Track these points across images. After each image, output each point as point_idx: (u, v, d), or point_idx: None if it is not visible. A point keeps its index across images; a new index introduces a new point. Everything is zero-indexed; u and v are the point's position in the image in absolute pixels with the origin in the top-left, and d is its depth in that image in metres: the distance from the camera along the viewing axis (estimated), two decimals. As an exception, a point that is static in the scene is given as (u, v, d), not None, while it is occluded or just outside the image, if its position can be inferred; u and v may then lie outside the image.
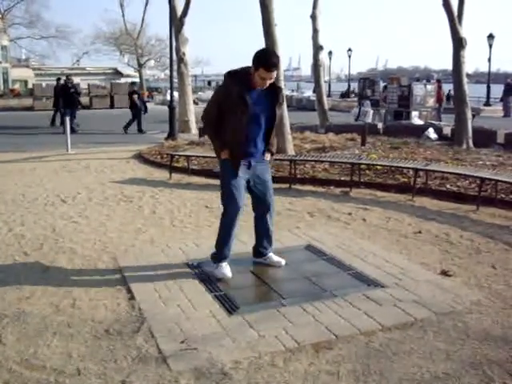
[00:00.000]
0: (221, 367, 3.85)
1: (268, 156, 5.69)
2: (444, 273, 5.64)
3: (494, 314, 4.69)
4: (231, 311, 4.75)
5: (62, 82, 24.85)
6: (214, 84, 43.12)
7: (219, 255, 5.64)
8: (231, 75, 5.35)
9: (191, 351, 4.08)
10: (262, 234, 5.87)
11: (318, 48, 23.06)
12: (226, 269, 5.58)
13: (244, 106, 5.19)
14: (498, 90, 36.51)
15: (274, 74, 5.22)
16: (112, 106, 39.46)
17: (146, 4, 54.45)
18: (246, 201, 5.66)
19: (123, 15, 56.26)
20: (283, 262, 5.86)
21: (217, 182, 10.45)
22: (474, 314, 4.68)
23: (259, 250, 5.92)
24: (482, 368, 3.81)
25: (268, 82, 5.26)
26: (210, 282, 5.43)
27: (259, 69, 5.13)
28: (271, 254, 5.91)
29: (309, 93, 40.58)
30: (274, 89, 5.40)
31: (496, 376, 3.71)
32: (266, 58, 5.17)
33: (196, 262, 6.02)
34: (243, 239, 6.57)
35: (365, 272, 5.65)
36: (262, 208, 5.79)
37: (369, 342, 4.21)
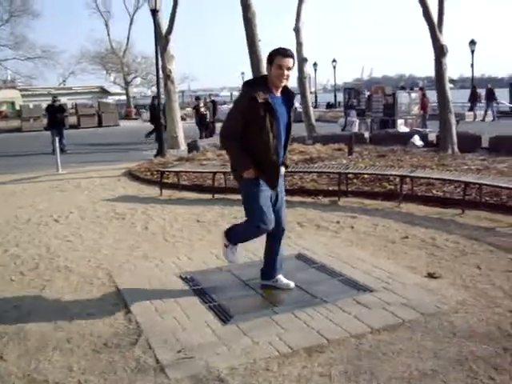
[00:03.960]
0: (217, 374, 4.00)
1: (283, 170, 5.45)
2: (430, 275, 5.81)
3: (479, 312, 4.86)
4: (225, 320, 4.90)
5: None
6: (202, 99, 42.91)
7: (236, 240, 5.49)
8: (250, 83, 5.23)
9: (188, 360, 4.23)
10: (275, 255, 5.58)
11: (302, 60, 23.31)
12: (237, 254, 5.55)
13: (272, 111, 5.01)
14: (482, 95, 36.94)
15: (291, 62, 5.09)
16: (100, 125, 39.67)
17: (131, 23, 55.01)
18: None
19: (108, 34, 56.65)
20: (292, 284, 5.61)
21: (207, 196, 10.78)
22: (459, 313, 4.84)
23: (269, 273, 5.65)
24: (468, 364, 3.98)
25: (286, 74, 5.07)
26: (204, 293, 5.58)
27: (276, 57, 5.04)
28: (280, 276, 5.65)
29: (296, 105, 40.85)
30: (288, 92, 5.28)
31: (481, 370, 3.87)
32: (280, 48, 5.12)
33: (189, 274, 6.17)
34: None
35: (354, 278, 5.82)
36: (278, 228, 5.41)
37: (359, 344, 4.37)
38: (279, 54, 5.08)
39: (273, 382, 3.87)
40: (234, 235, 5.49)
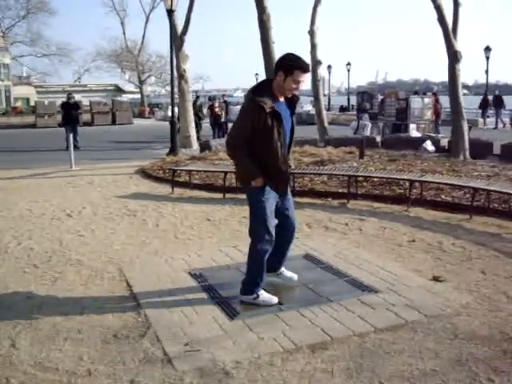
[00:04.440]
0: (223, 367, 4.11)
1: None
2: (435, 278, 5.90)
3: (482, 315, 4.95)
4: (232, 316, 5.01)
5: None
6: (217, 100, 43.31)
7: (257, 285, 5.31)
8: (257, 90, 5.07)
9: (195, 353, 4.35)
10: (284, 251, 5.64)
11: (316, 63, 23.40)
12: (268, 294, 5.36)
13: (279, 121, 4.99)
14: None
15: (307, 77, 5.16)
16: (114, 123, 39.90)
17: (147, 21, 55.20)
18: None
19: (124, 33, 57.01)
20: (295, 277, 5.80)
21: (218, 195, 10.89)
22: (462, 316, 4.93)
23: (274, 266, 5.68)
24: (468, 365, 4.07)
25: (300, 87, 5.09)
26: (212, 289, 5.70)
27: (294, 72, 4.93)
28: (284, 269, 5.80)
29: (308, 107, 40.89)
30: (292, 97, 5.22)
31: (481, 372, 3.96)
32: (301, 60, 5.02)
33: (198, 271, 6.29)
34: (242, 249, 6.85)
35: (360, 279, 5.91)
36: (290, 227, 5.52)
37: (362, 342, 4.47)
38: (301, 69, 5.00)
39: (276, 376, 3.98)
40: (253, 278, 5.33)
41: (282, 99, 5.17)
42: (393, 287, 5.64)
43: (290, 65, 4.97)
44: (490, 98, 33.68)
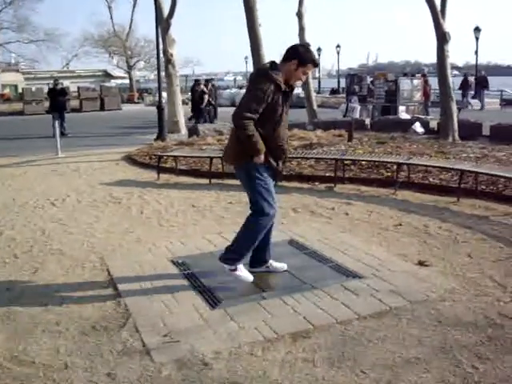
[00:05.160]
0: (202, 358, 4.02)
1: None
2: (421, 263, 5.82)
3: (467, 300, 4.87)
4: (213, 305, 4.92)
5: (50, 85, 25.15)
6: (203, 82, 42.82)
7: (240, 258, 5.32)
8: (272, 70, 5.06)
9: (174, 343, 4.26)
10: (268, 240, 5.56)
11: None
12: (246, 271, 5.42)
13: (287, 102, 5.13)
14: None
15: None
16: (102, 108, 39.63)
17: (134, 5, 54.69)
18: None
19: (111, 17, 56.61)
20: (285, 266, 5.72)
21: (204, 181, 10.78)
22: (447, 302, 4.86)
23: (262, 258, 5.63)
24: (452, 352, 3.99)
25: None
26: (194, 278, 5.61)
27: (307, 64, 5.12)
28: (272, 261, 5.70)
29: (298, 90, 40.69)
30: (291, 87, 5.28)
31: (464, 359, 3.88)
32: (314, 55, 5.28)
33: (181, 259, 6.19)
34: (226, 236, 6.76)
35: (344, 264, 5.83)
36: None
37: (345, 330, 4.39)
38: (313, 63, 5.20)
39: (256, 366, 3.89)
40: (241, 249, 5.31)
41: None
42: (377, 272, 5.56)
43: (305, 58, 5.12)
44: (472, 78, 33.34)
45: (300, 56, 5.10)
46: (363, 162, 10.82)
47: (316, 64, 5.28)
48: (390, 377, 3.70)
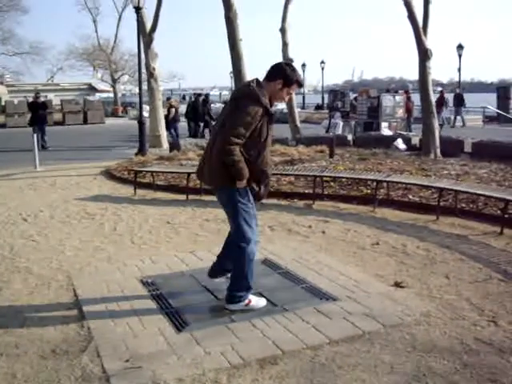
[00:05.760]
0: (163, 385, 3.83)
1: None
2: (397, 284, 5.66)
3: (443, 324, 4.71)
4: (180, 328, 4.72)
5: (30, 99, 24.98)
6: (187, 98, 42.95)
7: (248, 291, 5.13)
8: (259, 91, 4.88)
9: (135, 370, 4.05)
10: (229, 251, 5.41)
11: (287, 60, 23.11)
12: (256, 297, 5.24)
13: (270, 126, 4.95)
14: (470, 100, 36.88)
15: None
16: (85, 122, 39.35)
17: (119, 19, 54.51)
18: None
19: (96, 31, 56.32)
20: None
21: (181, 197, 10.58)
22: (422, 326, 4.69)
23: (223, 269, 5.49)
24: (425, 380, 3.83)
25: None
26: (163, 298, 5.41)
27: (292, 85, 5.03)
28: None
29: (282, 105, 40.72)
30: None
31: (438, 387, 3.72)
32: (299, 75, 5.12)
33: (150, 278, 5.99)
34: (199, 254, 6.58)
35: (318, 285, 5.65)
36: None
37: (315, 356, 4.21)
38: (298, 84, 5.09)
39: (220, 395, 3.71)
40: (243, 282, 5.10)
41: None
42: (352, 294, 5.39)
43: (291, 78, 5.01)
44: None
45: (286, 76, 4.98)
46: (343, 179, 10.68)
47: (301, 85, 5.17)
48: (359, 407, 3.52)
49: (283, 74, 4.98)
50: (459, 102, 31.26)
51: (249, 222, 5.00)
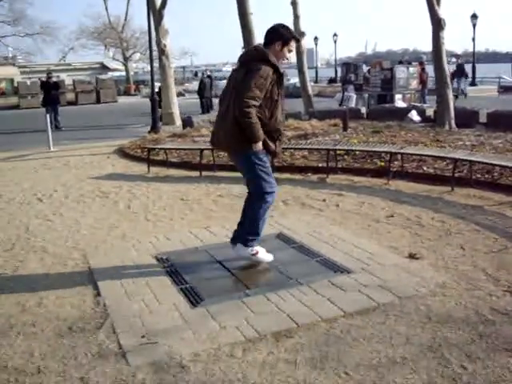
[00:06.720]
0: (179, 360, 3.84)
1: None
2: (412, 256, 5.62)
3: (458, 295, 4.69)
4: (195, 303, 4.74)
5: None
6: (199, 75, 42.79)
7: (257, 237, 5.45)
8: (268, 54, 5.11)
9: (151, 345, 4.07)
10: None
11: (299, 34, 22.83)
12: (264, 252, 5.56)
13: (281, 85, 5.16)
14: (484, 70, 36.51)
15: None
16: (98, 101, 39.40)
17: (129, -4, 54.21)
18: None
19: (106, 9, 56.08)
20: (271, 257, 5.60)
21: (194, 173, 10.58)
22: (437, 297, 4.67)
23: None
24: (440, 351, 3.81)
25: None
26: (177, 274, 5.42)
27: (289, 42, 5.22)
28: (259, 248, 5.57)
29: (295, 80, 40.47)
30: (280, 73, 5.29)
31: (453, 358, 3.70)
32: (293, 31, 5.35)
33: (165, 255, 6.01)
34: (213, 230, 6.58)
35: (333, 258, 5.64)
36: None
37: (330, 328, 4.21)
38: (295, 39, 5.28)
39: (235, 369, 3.71)
40: (256, 229, 5.41)
41: None
42: (367, 267, 5.37)
43: (287, 37, 5.21)
44: (478, 66, 33.02)
45: (281, 36, 5.20)
46: (357, 152, 10.62)
47: (298, 39, 5.39)
48: (374, 378, 3.52)
49: (279, 35, 5.21)
50: (461, 73, 30.85)
51: (268, 179, 5.26)
